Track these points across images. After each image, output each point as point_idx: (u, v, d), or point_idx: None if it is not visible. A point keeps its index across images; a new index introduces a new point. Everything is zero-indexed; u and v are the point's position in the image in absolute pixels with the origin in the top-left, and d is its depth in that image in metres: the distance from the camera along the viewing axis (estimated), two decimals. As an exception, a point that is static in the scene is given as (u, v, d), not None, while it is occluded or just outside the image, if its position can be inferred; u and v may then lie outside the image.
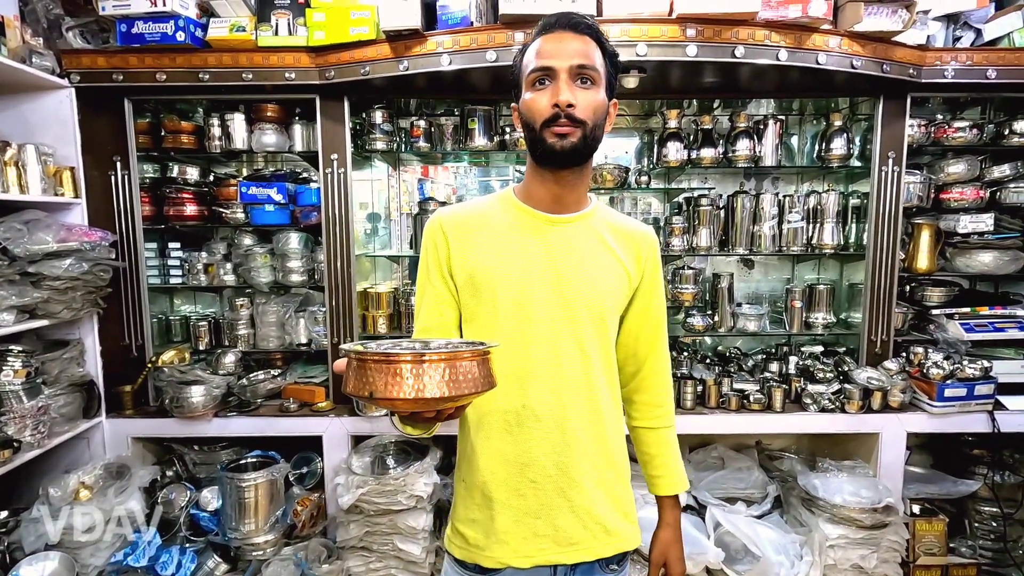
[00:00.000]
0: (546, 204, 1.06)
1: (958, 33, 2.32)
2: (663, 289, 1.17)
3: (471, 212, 1.09)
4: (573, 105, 0.95)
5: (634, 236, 1.11)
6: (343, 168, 2.31)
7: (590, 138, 0.99)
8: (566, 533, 1.05)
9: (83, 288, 2.14)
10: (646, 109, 2.77)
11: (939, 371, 2.30)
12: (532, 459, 1.04)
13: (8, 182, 1.97)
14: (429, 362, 0.68)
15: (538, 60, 0.98)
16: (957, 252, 2.53)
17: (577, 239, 1.05)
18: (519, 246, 1.04)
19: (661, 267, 1.16)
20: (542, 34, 1.01)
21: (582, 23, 1.00)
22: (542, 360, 1.03)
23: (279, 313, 2.57)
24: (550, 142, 0.98)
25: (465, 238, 1.06)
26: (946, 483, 2.48)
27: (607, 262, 1.06)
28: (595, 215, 1.09)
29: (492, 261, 1.04)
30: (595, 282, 1.04)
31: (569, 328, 1.04)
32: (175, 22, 2.11)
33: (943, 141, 2.45)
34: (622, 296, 1.09)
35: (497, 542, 1.05)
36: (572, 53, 0.97)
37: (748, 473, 2.50)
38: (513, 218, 1.06)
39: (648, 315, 1.15)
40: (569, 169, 1.03)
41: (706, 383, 2.41)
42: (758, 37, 1.99)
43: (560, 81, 0.97)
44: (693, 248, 2.58)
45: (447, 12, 2.04)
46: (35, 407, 1.97)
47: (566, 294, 1.03)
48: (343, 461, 2.29)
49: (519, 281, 1.03)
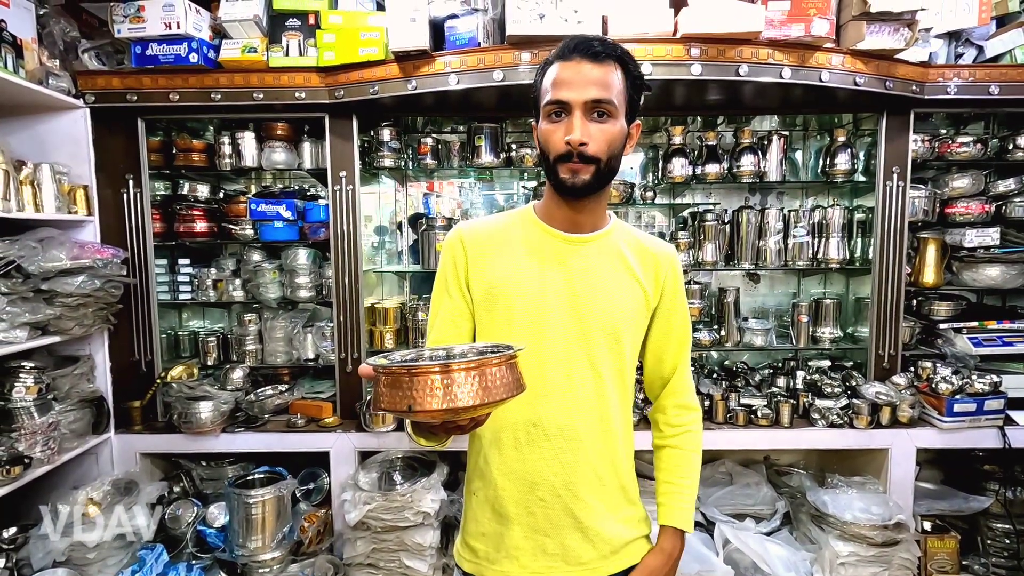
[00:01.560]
0: (564, 225, 1.06)
1: (960, 50, 2.35)
2: (686, 308, 1.14)
3: (491, 228, 1.10)
4: (586, 144, 0.95)
5: (653, 254, 1.10)
6: (351, 185, 2.34)
7: (604, 172, 0.99)
8: (575, 552, 1.05)
9: (95, 304, 2.16)
10: (651, 125, 2.80)
11: (948, 386, 2.28)
12: (541, 477, 1.04)
13: (24, 201, 2.01)
14: (460, 371, 0.68)
15: (554, 91, 0.97)
16: (964, 266, 2.53)
17: (594, 259, 1.06)
18: (537, 265, 1.05)
19: (682, 289, 1.14)
20: (560, 59, 0.98)
21: (602, 51, 0.97)
22: (555, 379, 1.03)
23: (287, 328, 2.58)
24: (563, 177, 0.98)
25: (484, 253, 1.07)
26: (957, 499, 2.46)
27: (623, 282, 1.06)
28: (614, 233, 1.09)
29: (510, 278, 1.05)
30: (610, 302, 1.04)
31: (583, 348, 1.04)
32: (188, 44, 2.16)
33: (947, 156, 2.46)
34: (639, 316, 1.08)
35: (507, 557, 1.06)
36: (588, 85, 0.94)
37: (756, 489, 2.49)
38: (532, 236, 1.07)
39: (670, 335, 1.13)
40: (584, 199, 1.03)
41: (713, 398, 2.40)
42: (761, 56, 2.02)
43: (574, 117, 0.95)
44: (699, 263, 2.59)
45: (455, 33, 2.08)
46: (46, 423, 1.98)
47: (582, 314, 1.03)
48: (350, 477, 2.29)
49: (535, 299, 1.03)
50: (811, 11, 2.01)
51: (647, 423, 2.39)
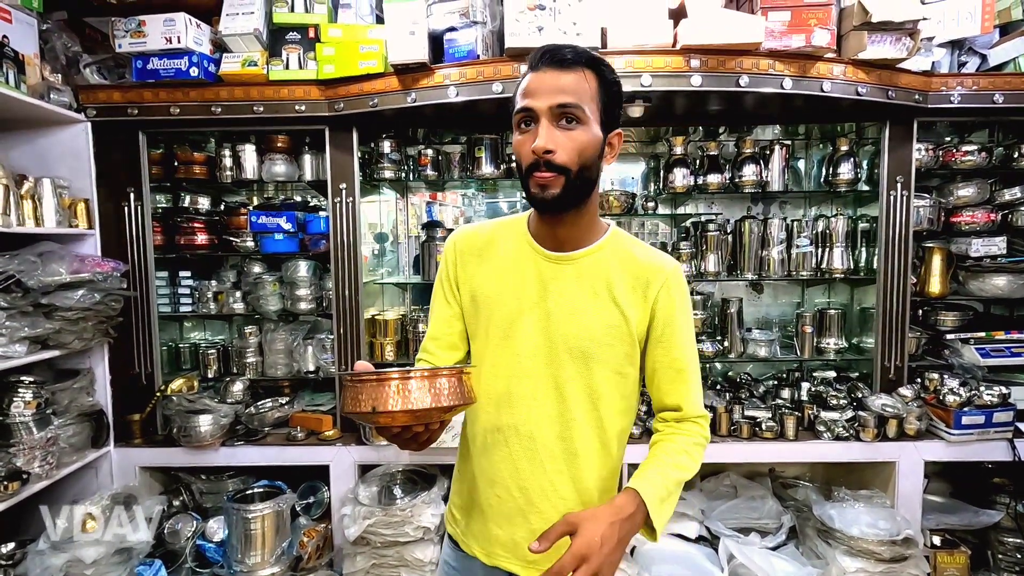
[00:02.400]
0: (546, 241, 1.05)
1: (963, 59, 2.33)
2: (685, 326, 1.05)
3: (484, 234, 1.11)
4: (552, 151, 0.92)
5: (644, 272, 1.04)
6: (351, 197, 2.34)
7: (576, 183, 0.94)
8: (522, 551, 1.06)
9: (95, 318, 2.16)
10: (652, 135, 2.79)
11: (956, 398, 2.25)
12: (499, 477, 1.08)
13: (24, 215, 2.01)
14: (414, 378, 0.80)
15: (521, 100, 0.95)
16: (970, 276, 2.50)
17: (571, 282, 1.03)
18: (517, 277, 1.06)
19: (682, 302, 1.05)
20: (531, 70, 0.97)
21: (569, 57, 0.94)
22: (519, 391, 1.05)
23: (287, 341, 2.57)
24: (533, 191, 0.96)
25: (472, 259, 1.10)
26: (967, 513, 2.41)
27: (599, 306, 1.03)
28: (604, 250, 1.05)
29: (492, 286, 1.07)
30: (581, 326, 1.02)
31: (549, 367, 1.04)
32: (189, 58, 2.16)
33: (952, 164, 2.44)
34: (616, 341, 1.03)
35: (470, 534, 1.14)
36: (554, 91, 0.92)
37: (762, 502, 2.45)
38: (518, 248, 1.07)
39: (661, 356, 1.05)
40: (563, 215, 1.00)
41: (717, 410, 2.38)
42: (762, 66, 2.01)
43: (541, 124, 0.93)
44: (701, 273, 2.57)
45: (454, 46, 2.07)
46: (44, 438, 1.98)
47: (551, 334, 1.03)
48: (350, 491, 2.27)
49: (511, 311, 1.05)
50: (812, 21, 1.99)
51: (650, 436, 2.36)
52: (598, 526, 0.88)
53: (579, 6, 1.94)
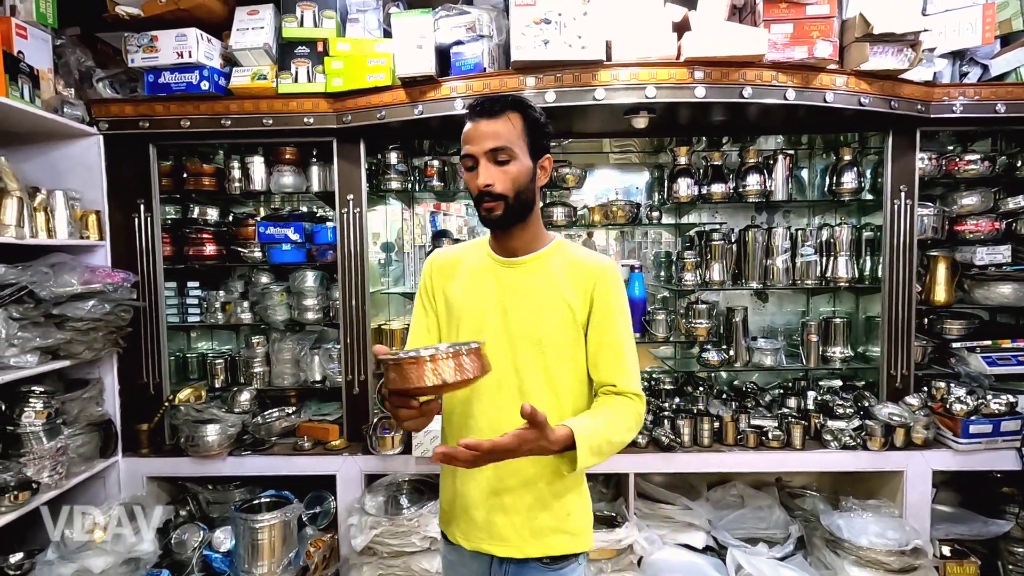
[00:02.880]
0: (501, 251, 1.26)
1: (965, 69, 2.35)
2: (620, 314, 1.23)
3: (454, 254, 1.33)
4: (491, 185, 1.15)
5: (583, 270, 1.23)
6: (358, 208, 2.36)
7: (515, 205, 1.17)
8: (497, 530, 1.22)
9: (105, 328, 2.17)
10: (656, 145, 2.81)
11: (963, 407, 2.25)
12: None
13: (37, 227, 2.04)
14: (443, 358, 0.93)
15: (464, 147, 1.18)
16: (975, 284, 2.50)
17: (523, 279, 1.24)
18: (479, 284, 1.26)
19: (616, 293, 1.23)
20: (468, 120, 1.19)
21: (495, 108, 1.16)
22: (485, 381, 1.10)
23: (294, 350, 2.59)
24: (482, 215, 1.19)
25: (445, 275, 1.31)
26: (976, 523, 2.40)
27: (548, 298, 1.22)
28: (549, 255, 1.25)
29: (460, 294, 1.27)
30: (534, 315, 1.21)
31: (510, 354, 1.21)
32: (200, 72, 2.20)
33: (955, 173, 2.45)
34: (565, 328, 1.21)
35: (454, 522, 1.28)
36: (486, 138, 1.15)
37: (769, 512, 2.44)
38: (480, 261, 1.29)
39: (600, 347, 1.22)
40: (510, 229, 1.21)
41: (723, 419, 2.37)
42: (765, 78, 2.03)
43: (480, 166, 1.16)
44: (706, 282, 2.58)
45: (461, 59, 2.10)
46: (54, 448, 1.99)
47: (510, 325, 1.22)
48: (356, 500, 2.27)
49: (476, 312, 1.24)
50: (814, 33, 2.02)
51: (655, 445, 2.36)
52: (537, 439, 1.01)
53: (584, 20, 1.97)
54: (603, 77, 2.03)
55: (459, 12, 2.11)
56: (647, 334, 2.58)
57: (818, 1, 2.02)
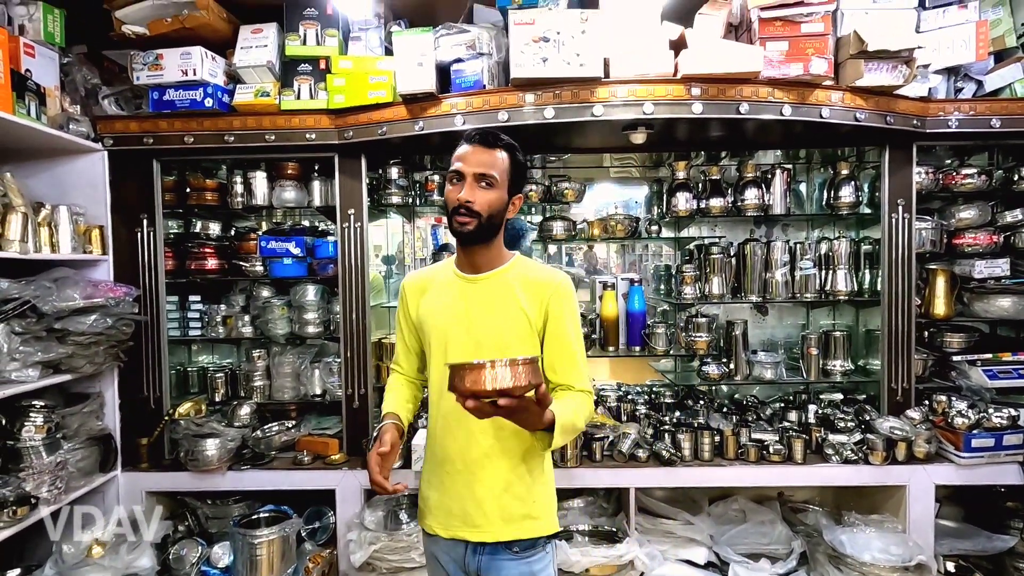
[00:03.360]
0: (466, 267, 1.41)
1: (959, 84, 2.37)
2: (571, 323, 1.38)
3: (425, 275, 1.49)
4: (471, 202, 1.29)
5: (538, 285, 1.37)
6: (359, 222, 2.38)
7: (486, 225, 1.32)
8: (471, 517, 1.36)
9: (106, 342, 2.18)
10: (655, 160, 2.84)
11: (964, 420, 2.24)
12: (448, 457, 1.38)
13: (41, 242, 2.06)
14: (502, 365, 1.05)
15: (455, 164, 1.33)
16: (975, 297, 2.51)
17: (486, 292, 1.38)
18: (447, 299, 1.41)
19: (568, 305, 1.38)
20: (466, 142, 1.34)
21: (493, 141, 1.33)
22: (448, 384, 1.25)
23: (294, 364, 2.59)
24: (454, 226, 1.33)
25: (418, 294, 1.47)
26: (980, 538, 2.38)
27: (509, 308, 1.36)
28: (509, 271, 1.39)
29: (430, 310, 1.42)
30: (498, 324, 1.36)
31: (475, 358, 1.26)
32: (204, 89, 2.23)
33: (952, 187, 2.46)
34: (524, 335, 1.36)
35: (430, 513, 1.42)
36: (478, 163, 1.30)
37: (771, 527, 2.42)
38: (447, 279, 1.43)
39: (554, 352, 1.38)
40: (475, 245, 1.36)
41: (723, 433, 2.37)
42: (761, 94, 2.05)
43: (466, 183, 1.30)
44: (706, 295, 2.58)
45: (461, 76, 2.13)
46: (53, 463, 1.99)
47: (475, 333, 1.36)
48: (356, 516, 2.26)
49: (444, 325, 1.39)
50: (809, 51, 2.05)
51: (656, 459, 2.35)
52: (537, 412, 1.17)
53: (582, 38, 2.00)
54: (601, 94, 2.05)
55: (459, 31, 2.15)
56: (647, 347, 2.58)
57: (812, 19, 2.05)
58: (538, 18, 2.01)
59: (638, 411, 2.63)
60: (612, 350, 2.63)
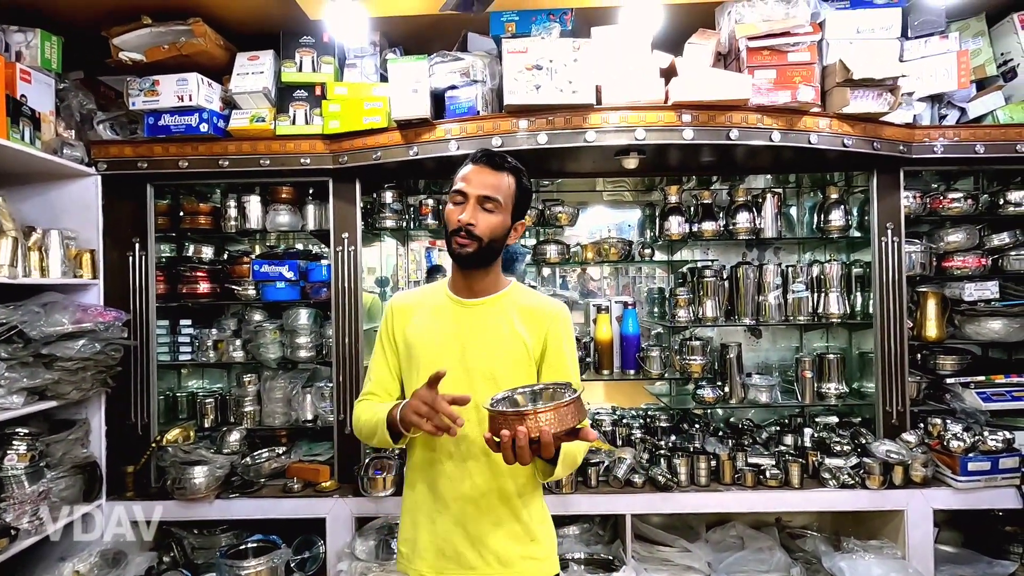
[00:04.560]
0: (462, 291, 1.34)
1: (943, 112, 2.43)
2: (568, 352, 1.35)
3: (414, 297, 1.42)
4: (473, 224, 1.24)
5: (537, 313, 1.33)
6: (353, 246, 2.38)
7: (486, 249, 1.27)
8: (466, 559, 1.28)
9: (94, 368, 2.15)
10: (647, 184, 2.87)
11: (960, 443, 2.23)
12: (440, 495, 1.30)
13: (30, 266, 2.04)
14: (543, 412, 1.00)
15: (459, 184, 1.28)
16: (966, 320, 2.52)
17: (481, 318, 1.32)
18: (438, 323, 1.34)
19: (567, 334, 1.35)
20: (471, 163, 1.29)
21: (500, 164, 1.28)
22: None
23: (286, 389, 2.56)
24: (453, 247, 1.27)
25: (405, 316, 1.38)
26: (980, 564, 2.35)
27: (504, 335, 1.30)
28: (506, 297, 1.34)
29: (419, 334, 1.34)
30: (492, 353, 1.29)
31: (467, 387, 1.25)
32: (200, 115, 2.25)
33: (940, 211, 2.50)
34: (520, 363, 1.30)
35: (418, 556, 1.32)
36: (482, 185, 1.25)
37: (770, 554, 2.38)
38: (439, 302, 1.37)
39: (552, 375, 1.31)
40: (473, 269, 1.30)
41: (720, 458, 2.34)
42: (751, 120, 2.09)
43: (469, 204, 1.25)
44: (699, 318, 2.59)
45: (455, 102, 2.16)
46: (36, 492, 1.94)
47: (468, 362, 1.29)
48: (346, 545, 2.20)
49: (435, 350, 1.31)
50: (796, 79, 2.09)
51: (652, 485, 2.32)
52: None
53: (575, 66, 2.04)
54: (594, 120, 2.08)
55: (453, 58, 2.18)
56: (641, 370, 2.57)
57: (799, 49, 2.10)
58: (531, 47, 2.05)
59: (633, 435, 2.60)
60: (607, 373, 2.61)
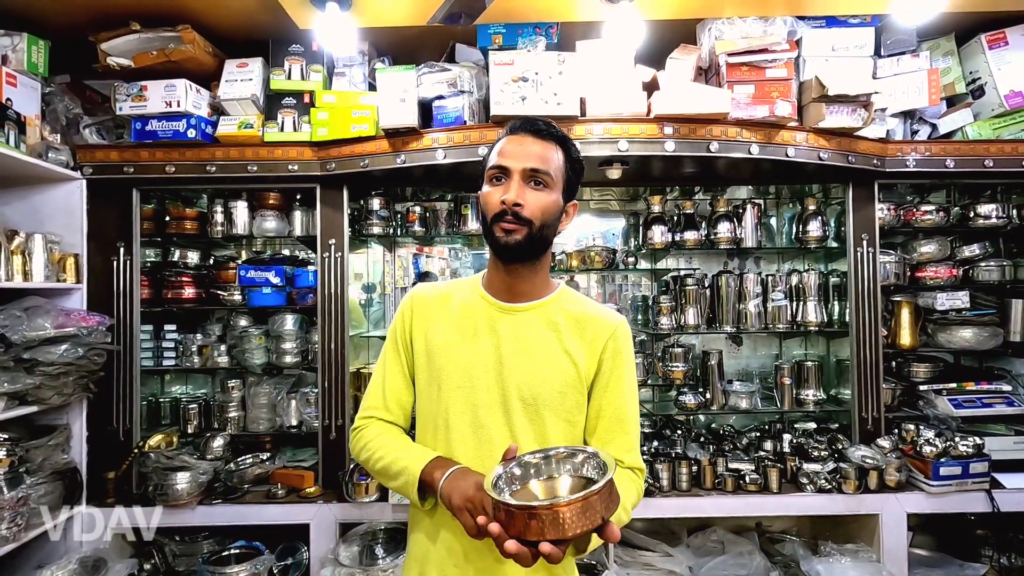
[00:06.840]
0: (501, 293, 1.12)
1: (915, 127, 2.51)
2: (629, 381, 1.11)
3: (441, 291, 1.17)
4: (520, 205, 1.02)
5: (593, 326, 1.10)
6: (340, 252, 2.39)
7: (536, 236, 1.04)
8: None
9: (76, 373, 2.14)
10: (631, 194, 2.92)
11: (932, 449, 2.29)
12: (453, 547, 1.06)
13: (13, 270, 2.03)
14: (566, 505, 0.77)
15: (497, 159, 1.06)
16: (938, 328, 2.60)
17: (524, 329, 1.09)
18: (471, 330, 1.10)
19: (627, 357, 1.11)
20: (508, 135, 1.09)
21: (545, 130, 1.07)
22: (471, 442, 1.05)
23: (271, 395, 2.56)
24: (497, 236, 1.04)
25: (428, 314, 1.14)
26: (953, 567, 2.41)
27: (551, 353, 1.08)
28: (554, 303, 1.12)
29: (446, 339, 1.11)
30: (534, 373, 1.07)
31: (504, 415, 1.07)
32: (187, 120, 2.26)
33: (913, 223, 2.58)
34: (568, 389, 1.07)
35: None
36: (528, 156, 1.04)
37: (750, 558, 2.42)
38: (473, 303, 1.13)
39: (606, 408, 1.10)
40: (519, 264, 1.08)
41: (701, 463, 2.39)
42: (731, 134, 2.15)
43: (512, 181, 1.03)
44: (682, 326, 2.63)
45: (442, 112, 2.20)
46: (15, 498, 1.91)
47: (504, 381, 1.07)
48: (330, 551, 2.20)
49: (466, 363, 1.08)
50: (774, 94, 2.16)
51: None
52: None
53: (560, 78, 2.08)
54: (578, 131, 2.13)
55: (441, 69, 2.22)
56: (625, 377, 2.60)
57: (776, 65, 2.17)
58: (517, 59, 2.09)
59: (617, 441, 2.63)
60: (591, 380, 2.64)
